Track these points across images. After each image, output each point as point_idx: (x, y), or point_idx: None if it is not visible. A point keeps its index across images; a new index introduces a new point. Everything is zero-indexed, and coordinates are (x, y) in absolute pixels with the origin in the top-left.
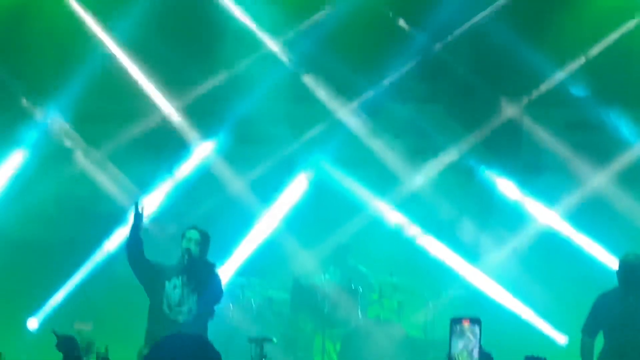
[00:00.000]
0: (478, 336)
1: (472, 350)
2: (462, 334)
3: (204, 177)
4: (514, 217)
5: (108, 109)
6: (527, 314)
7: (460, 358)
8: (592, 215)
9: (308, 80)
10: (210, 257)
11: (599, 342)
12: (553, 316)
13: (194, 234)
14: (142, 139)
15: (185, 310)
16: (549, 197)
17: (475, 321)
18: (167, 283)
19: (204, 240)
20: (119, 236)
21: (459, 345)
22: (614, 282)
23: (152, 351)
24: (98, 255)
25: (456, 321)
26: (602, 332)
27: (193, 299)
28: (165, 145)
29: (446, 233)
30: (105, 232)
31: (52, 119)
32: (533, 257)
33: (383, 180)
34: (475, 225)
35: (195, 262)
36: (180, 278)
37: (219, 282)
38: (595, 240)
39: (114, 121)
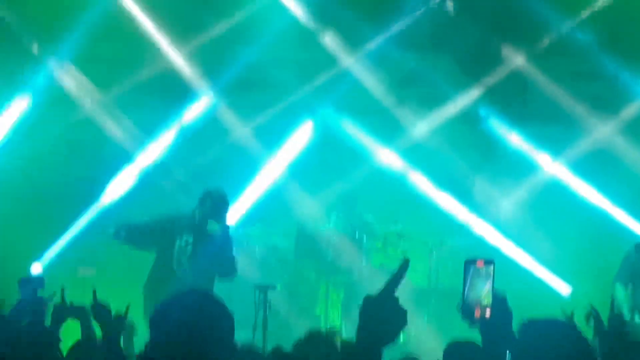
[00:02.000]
0: (492, 277)
1: (486, 292)
2: (475, 275)
3: (210, 123)
4: (519, 167)
5: (114, 54)
6: (530, 263)
7: (474, 299)
8: (598, 166)
9: (315, 27)
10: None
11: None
12: (557, 266)
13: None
14: (148, 84)
15: (196, 268)
16: (555, 148)
17: (489, 262)
18: (177, 240)
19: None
20: (124, 181)
21: (473, 286)
22: (618, 232)
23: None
24: (102, 201)
25: (470, 262)
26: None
27: (203, 257)
28: (171, 91)
29: (451, 182)
30: (110, 177)
31: (59, 63)
32: (538, 207)
33: (388, 129)
34: (480, 175)
35: (208, 223)
36: (192, 235)
37: (230, 247)
38: (600, 191)
39: (119, 66)
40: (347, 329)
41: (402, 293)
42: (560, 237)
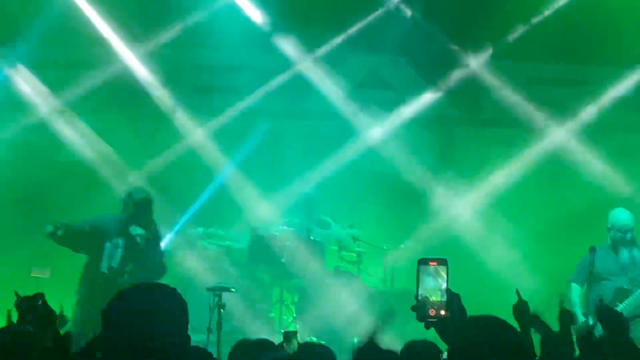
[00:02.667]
0: (446, 277)
1: (439, 291)
2: (429, 274)
3: (165, 126)
4: (476, 170)
5: (68, 57)
6: (486, 265)
7: (428, 298)
8: (552, 169)
9: (271, 30)
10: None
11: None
12: (508, 267)
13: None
14: (103, 86)
15: (127, 270)
16: (510, 151)
17: (442, 261)
18: (107, 244)
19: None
20: (79, 183)
21: (426, 285)
22: (571, 236)
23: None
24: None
25: (423, 262)
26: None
27: (135, 260)
28: (127, 94)
29: (408, 185)
30: (64, 180)
31: (12, 66)
32: (494, 209)
33: (346, 132)
34: (438, 178)
35: (139, 222)
36: (122, 238)
37: (156, 250)
38: (554, 195)
39: (74, 69)
40: (301, 332)
41: (359, 295)
42: (514, 239)
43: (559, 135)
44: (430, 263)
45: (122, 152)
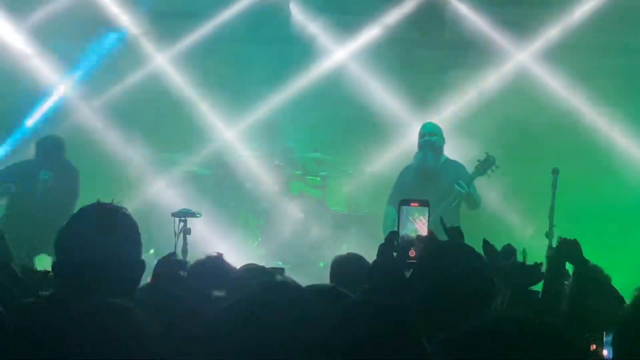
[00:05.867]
0: (427, 218)
1: (421, 232)
2: (410, 215)
3: (125, 52)
4: (434, 93)
5: None
6: None
7: (409, 239)
8: (514, 92)
9: None
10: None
11: None
12: None
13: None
14: (65, 13)
15: (35, 212)
16: (471, 73)
17: (423, 203)
18: (21, 186)
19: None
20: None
21: (407, 226)
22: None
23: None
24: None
25: (405, 203)
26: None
27: (53, 195)
28: (85, 21)
29: (367, 109)
30: (28, 107)
31: None
32: (454, 133)
33: (309, 56)
34: (395, 102)
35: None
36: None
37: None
38: (513, 118)
39: None
40: (266, 256)
41: (323, 220)
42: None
43: (522, 57)
44: (412, 204)
45: (86, 79)
